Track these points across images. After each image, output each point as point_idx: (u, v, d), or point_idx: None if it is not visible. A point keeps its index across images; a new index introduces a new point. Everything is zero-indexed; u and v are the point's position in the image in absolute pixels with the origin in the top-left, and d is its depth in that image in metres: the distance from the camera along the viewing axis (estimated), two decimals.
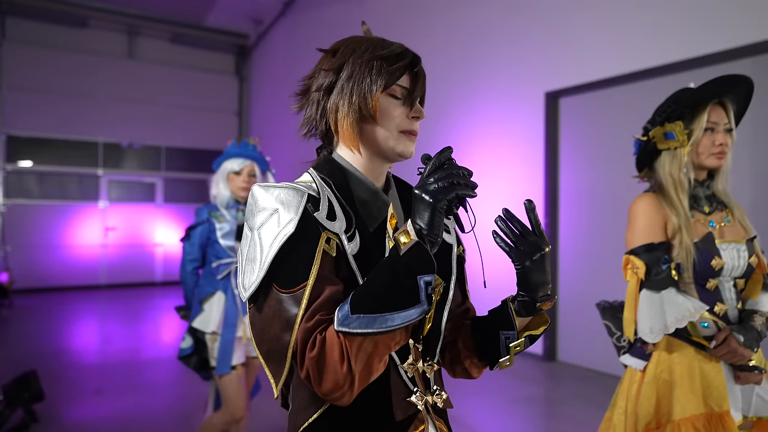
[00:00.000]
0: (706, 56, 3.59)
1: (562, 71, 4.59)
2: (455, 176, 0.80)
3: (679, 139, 1.59)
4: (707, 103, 1.58)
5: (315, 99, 0.96)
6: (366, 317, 0.75)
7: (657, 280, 1.52)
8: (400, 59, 0.92)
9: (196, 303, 2.49)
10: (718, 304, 1.55)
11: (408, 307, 0.76)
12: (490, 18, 5.31)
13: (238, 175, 2.55)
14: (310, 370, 0.76)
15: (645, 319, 1.52)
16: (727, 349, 1.47)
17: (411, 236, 0.78)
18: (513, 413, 3.63)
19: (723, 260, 1.54)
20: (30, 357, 4.81)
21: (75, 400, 3.78)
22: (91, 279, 9.43)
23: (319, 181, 0.92)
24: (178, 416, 3.53)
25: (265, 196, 0.85)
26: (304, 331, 0.78)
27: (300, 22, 8.83)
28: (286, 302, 0.80)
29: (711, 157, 1.59)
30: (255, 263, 0.82)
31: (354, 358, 0.76)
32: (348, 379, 0.76)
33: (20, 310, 7.42)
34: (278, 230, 0.82)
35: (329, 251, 0.84)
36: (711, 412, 1.48)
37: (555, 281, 4.76)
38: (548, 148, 4.75)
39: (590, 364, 4.46)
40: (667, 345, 1.57)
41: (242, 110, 11.01)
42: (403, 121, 0.93)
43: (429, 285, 0.77)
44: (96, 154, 9.53)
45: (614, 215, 4.26)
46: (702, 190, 1.63)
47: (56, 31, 9.27)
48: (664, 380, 1.55)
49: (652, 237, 1.57)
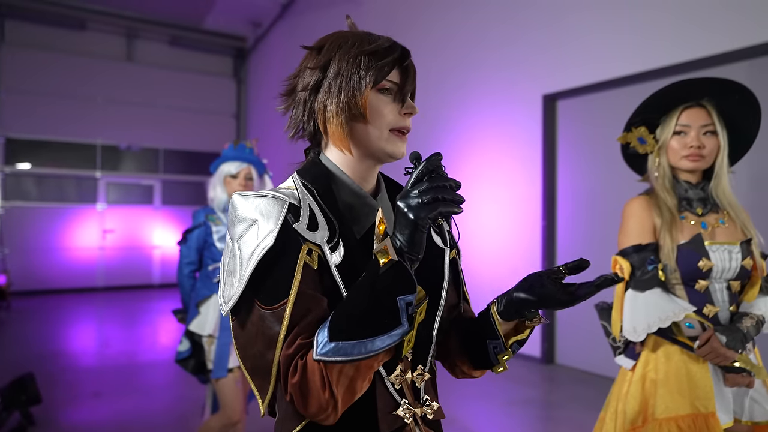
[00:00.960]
0: (703, 59, 3.60)
1: (560, 74, 4.60)
2: (440, 190, 0.74)
3: (649, 143, 1.65)
4: (678, 107, 1.60)
5: (301, 99, 0.91)
6: (345, 344, 0.73)
7: (642, 281, 1.54)
8: (388, 53, 0.88)
9: (192, 306, 2.49)
10: (707, 305, 1.55)
11: (388, 330, 0.73)
12: (487, 20, 5.32)
13: (234, 178, 2.54)
14: (294, 396, 0.76)
15: (628, 318, 1.55)
16: (709, 349, 1.47)
17: (390, 255, 0.73)
18: (511, 416, 3.62)
19: (712, 262, 1.53)
20: (27, 359, 4.80)
21: (72, 403, 3.77)
22: (88, 281, 9.41)
23: (300, 188, 0.87)
24: (175, 419, 3.52)
25: (244, 205, 0.81)
26: (285, 357, 0.76)
27: (298, 25, 8.84)
28: (268, 319, 0.78)
29: (683, 160, 1.59)
30: (235, 276, 0.79)
31: (335, 384, 0.74)
32: (331, 403, 0.75)
33: (18, 313, 7.40)
34: (257, 242, 0.78)
35: (311, 263, 0.80)
36: (697, 413, 1.48)
37: None
38: (546, 151, 4.76)
39: (588, 366, 4.46)
40: (655, 345, 1.58)
41: (240, 113, 11.01)
42: (394, 118, 0.89)
43: (410, 305, 0.74)
44: (94, 156, 9.53)
45: (612, 217, 4.26)
46: (695, 191, 1.62)
47: (55, 33, 9.27)
48: (650, 379, 1.56)
49: (640, 238, 1.59)
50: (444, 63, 5.80)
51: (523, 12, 4.94)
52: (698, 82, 1.60)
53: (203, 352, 2.46)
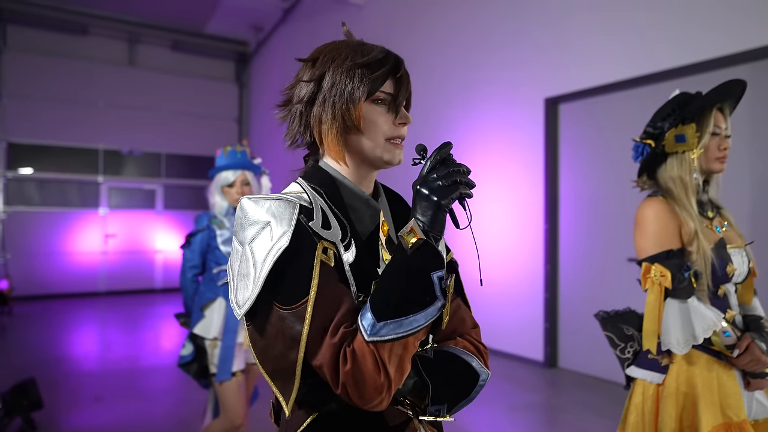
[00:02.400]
0: (705, 62, 3.60)
1: (562, 77, 4.60)
2: (458, 174, 0.81)
3: (690, 142, 1.56)
4: (712, 108, 1.57)
5: (297, 111, 0.94)
6: (393, 322, 0.76)
7: (681, 289, 1.48)
8: (381, 65, 0.89)
9: (197, 309, 2.49)
10: (727, 311, 1.53)
11: (428, 305, 0.78)
12: (489, 23, 5.33)
13: (231, 187, 2.54)
14: (348, 385, 0.75)
15: (673, 330, 1.47)
16: (750, 357, 1.44)
17: (418, 234, 0.79)
18: (513, 420, 3.61)
19: (734, 266, 1.52)
20: (29, 364, 4.79)
21: (74, 408, 3.76)
22: (90, 286, 9.41)
23: (310, 190, 0.89)
24: (177, 424, 3.51)
25: (255, 209, 0.82)
26: (332, 347, 0.76)
27: (300, 29, 8.86)
28: (289, 319, 0.78)
29: (716, 162, 1.58)
30: (248, 279, 0.80)
31: (389, 364, 0.76)
32: (386, 384, 0.77)
33: (20, 318, 7.40)
34: (271, 244, 0.79)
35: (327, 261, 0.81)
36: (730, 422, 1.45)
37: (556, 287, 4.75)
38: (548, 154, 4.75)
39: (592, 370, 4.44)
40: (686, 356, 1.52)
41: (242, 117, 11.03)
42: (389, 128, 0.91)
43: (442, 280, 0.79)
44: (96, 161, 9.54)
45: (615, 221, 4.25)
46: (704, 195, 1.62)
47: (57, 38, 9.30)
48: (684, 393, 1.50)
49: (668, 244, 1.52)
50: (445, 66, 5.81)
51: (525, 15, 4.94)
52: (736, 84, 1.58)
53: (206, 356, 2.46)
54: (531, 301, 4.83)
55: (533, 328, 4.81)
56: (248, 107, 11.06)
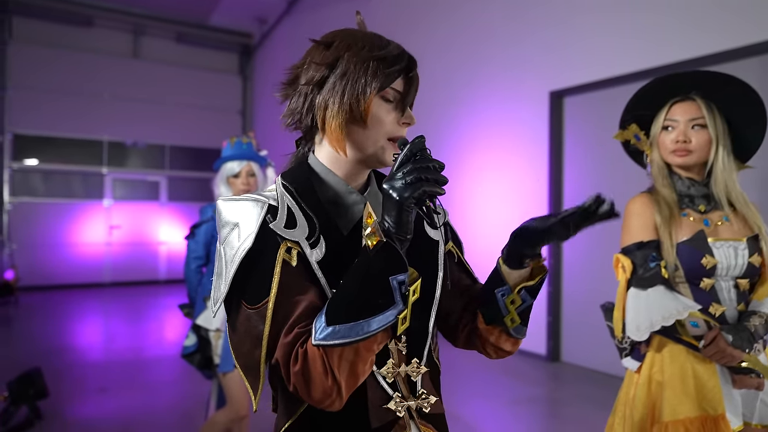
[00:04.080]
0: (711, 55, 3.57)
1: (567, 70, 4.57)
2: (423, 171, 0.74)
3: (642, 140, 1.64)
4: (667, 101, 1.59)
5: (303, 92, 0.91)
6: (343, 327, 0.73)
7: (645, 278, 1.50)
8: (397, 62, 0.87)
9: (200, 300, 2.50)
10: (713, 304, 1.51)
11: (384, 310, 0.74)
12: (493, 16, 5.30)
13: (237, 177, 2.55)
14: (297, 385, 0.76)
15: (632, 317, 1.51)
16: (715, 349, 1.43)
17: (379, 236, 0.75)
18: (516, 414, 3.62)
19: (715, 259, 1.49)
20: (35, 354, 4.83)
21: (79, 398, 3.79)
22: (95, 277, 9.46)
23: (280, 189, 0.89)
24: (181, 414, 3.54)
25: (227, 210, 0.84)
26: (284, 346, 0.77)
27: (304, 21, 8.84)
28: (253, 318, 0.79)
29: (671, 155, 1.57)
30: (221, 278, 0.82)
31: (337, 369, 0.74)
32: (334, 388, 0.75)
33: (25, 308, 7.45)
34: (238, 244, 0.81)
35: (289, 260, 0.81)
36: (705, 415, 1.44)
37: (559, 281, 4.75)
38: (552, 148, 4.73)
39: (594, 365, 4.45)
40: (660, 345, 1.55)
41: (246, 109, 11.03)
42: (393, 127, 0.89)
43: (402, 284, 0.75)
44: (101, 152, 9.57)
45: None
46: (698, 188, 1.58)
47: (62, 30, 9.30)
48: (656, 381, 1.52)
49: (642, 235, 1.55)
50: (451, 59, 5.78)
51: (530, 8, 4.91)
52: (685, 75, 1.57)
53: (209, 347, 2.47)
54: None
55: (536, 322, 4.81)
56: (252, 99, 11.05)
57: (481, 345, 1.01)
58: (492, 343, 0.98)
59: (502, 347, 0.99)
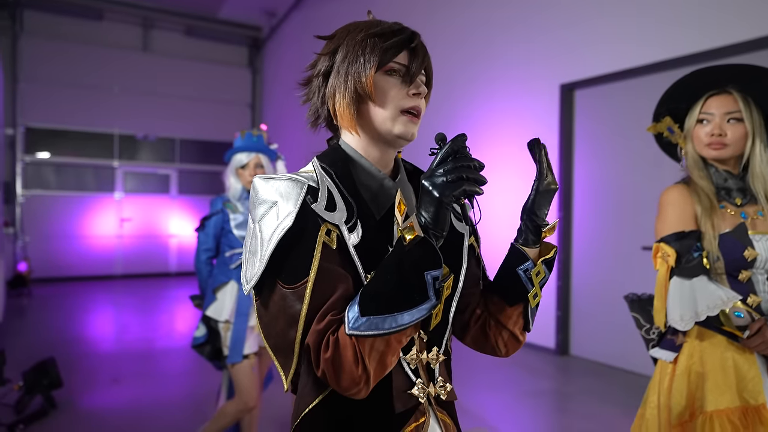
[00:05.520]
0: (727, 47, 3.52)
1: (577, 63, 4.54)
2: (465, 170, 0.76)
3: (677, 133, 1.63)
4: (702, 95, 1.58)
5: (316, 86, 0.95)
6: (376, 318, 0.75)
7: (688, 268, 1.49)
8: (394, 35, 0.89)
9: (209, 292, 2.52)
10: (751, 295, 1.51)
11: (417, 304, 0.75)
12: (505, 9, 5.26)
13: (245, 168, 2.58)
14: (327, 371, 0.77)
15: (676, 306, 1.49)
16: (761, 339, 1.43)
17: (416, 231, 0.75)
18: (525, 407, 3.62)
19: (756, 251, 1.50)
20: (48, 344, 4.90)
21: (92, 388, 3.85)
22: (107, 269, 9.56)
23: (319, 170, 0.90)
24: (191, 405, 3.58)
25: (265, 187, 0.84)
26: (316, 333, 0.77)
27: (313, 15, 8.82)
28: (290, 298, 0.80)
29: (706, 149, 1.57)
30: (256, 256, 0.82)
31: (368, 358, 0.76)
32: (363, 377, 0.77)
33: (38, 299, 7.55)
34: (277, 223, 0.80)
35: (330, 243, 0.82)
36: (746, 405, 1.45)
37: (568, 275, 4.73)
38: (563, 141, 4.71)
39: (603, 358, 4.44)
40: (699, 335, 1.54)
41: (255, 102, 11.05)
42: (402, 99, 0.90)
43: (437, 280, 0.76)
44: (112, 145, 9.64)
45: (629, 208, 4.22)
46: (735, 181, 1.59)
47: (73, 23, 9.35)
48: (696, 372, 1.52)
49: (682, 226, 1.54)
50: (463, 53, 5.75)
51: (541, 2, 4.87)
52: (722, 68, 1.56)
53: (219, 338, 2.50)
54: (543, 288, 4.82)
55: (545, 316, 4.81)
56: (261, 92, 11.06)
57: (493, 338, 1.01)
58: (510, 330, 0.99)
59: (518, 335, 1.00)
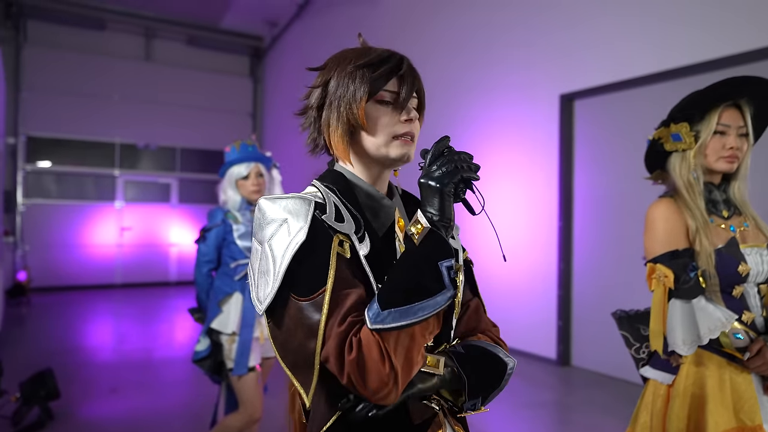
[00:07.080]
0: (726, 57, 3.53)
1: (577, 73, 4.55)
2: (457, 161, 0.82)
3: (686, 140, 1.55)
4: (719, 105, 1.52)
5: (311, 118, 0.97)
6: (398, 311, 0.76)
7: (686, 289, 1.45)
8: (383, 64, 0.91)
9: (213, 304, 2.49)
10: (745, 312, 1.48)
11: (435, 294, 0.77)
12: (504, 19, 5.28)
13: (246, 179, 2.56)
14: (352, 374, 0.75)
15: (677, 330, 1.44)
16: (762, 360, 1.40)
17: (423, 224, 0.79)
18: (526, 418, 3.60)
19: (749, 266, 1.47)
20: (46, 354, 4.87)
21: (90, 399, 3.82)
22: (106, 278, 9.54)
23: (323, 188, 0.92)
24: (190, 415, 3.55)
25: (272, 207, 0.85)
26: (339, 336, 0.77)
27: (314, 25, 8.87)
28: (307, 309, 0.80)
29: (720, 161, 1.53)
30: (269, 275, 0.82)
31: (394, 354, 0.76)
32: (392, 375, 0.76)
33: (37, 308, 7.52)
34: (289, 239, 0.82)
35: (343, 253, 0.84)
36: (743, 426, 1.42)
37: (569, 285, 4.72)
38: (563, 151, 4.71)
39: (605, 369, 4.41)
40: (697, 357, 1.49)
41: (256, 111, 11.08)
42: (395, 125, 0.92)
43: (450, 269, 0.78)
44: (113, 154, 9.66)
45: (629, 219, 4.21)
46: (719, 193, 1.57)
47: (75, 33, 9.41)
48: (694, 394, 1.47)
49: (674, 244, 1.49)
50: (462, 62, 5.77)
51: (541, 12, 4.90)
52: (750, 81, 1.52)
53: (221, 351, 2.46)
54: (544, 298, 4.81)
55: (546, 326, 4.78)
56: (262, 102, 11.11)
57: None
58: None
59: None
